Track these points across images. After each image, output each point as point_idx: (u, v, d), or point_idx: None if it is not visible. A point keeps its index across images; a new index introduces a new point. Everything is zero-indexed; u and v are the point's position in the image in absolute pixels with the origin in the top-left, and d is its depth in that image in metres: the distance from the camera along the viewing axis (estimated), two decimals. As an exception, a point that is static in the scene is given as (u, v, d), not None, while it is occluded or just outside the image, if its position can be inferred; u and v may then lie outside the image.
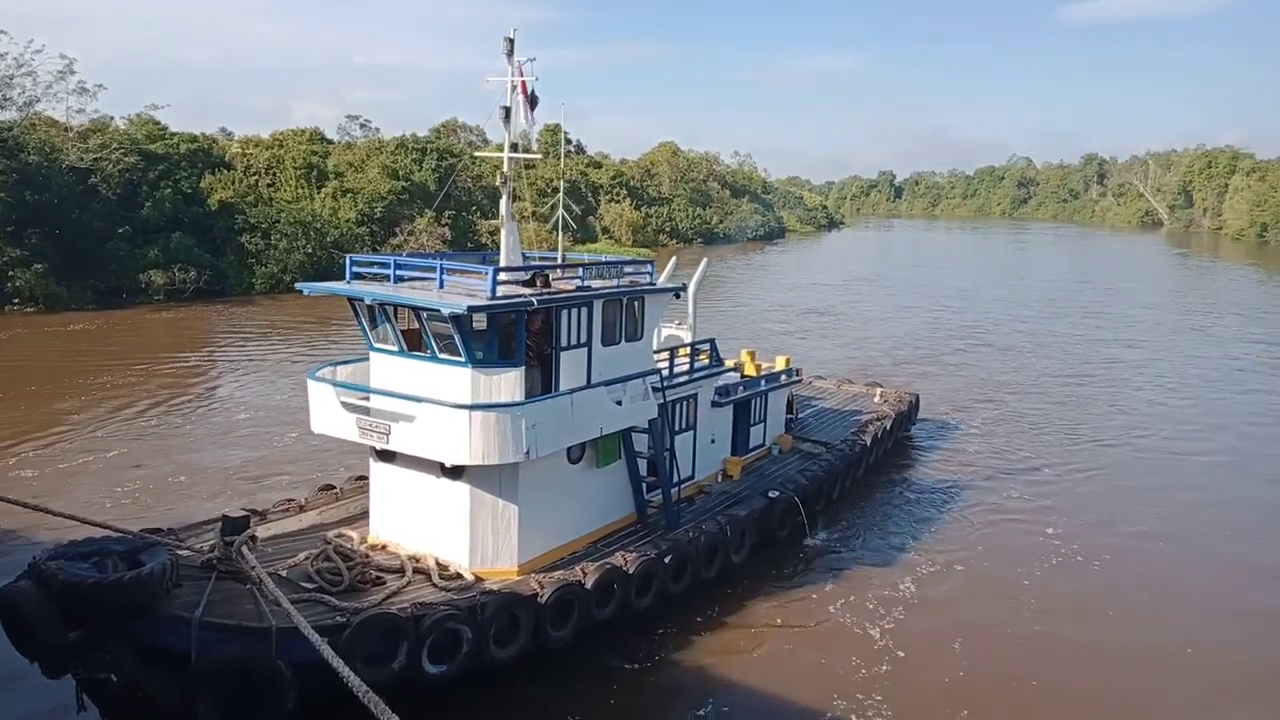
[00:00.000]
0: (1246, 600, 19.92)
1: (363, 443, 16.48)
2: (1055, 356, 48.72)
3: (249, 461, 27.31)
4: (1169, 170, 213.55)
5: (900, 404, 30.01)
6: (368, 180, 78.95)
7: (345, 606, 14.13)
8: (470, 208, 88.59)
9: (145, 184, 62.91)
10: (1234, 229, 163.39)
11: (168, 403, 34.10)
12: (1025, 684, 16.22)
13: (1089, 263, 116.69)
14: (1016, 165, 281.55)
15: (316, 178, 77.38)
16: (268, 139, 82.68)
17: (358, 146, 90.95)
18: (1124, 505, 25.73)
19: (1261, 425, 35.66)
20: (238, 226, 66.04)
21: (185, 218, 63.68)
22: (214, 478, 25.69)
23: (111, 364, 40.15)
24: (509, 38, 17.11)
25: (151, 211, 61.71)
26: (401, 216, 77.40)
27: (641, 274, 19.12)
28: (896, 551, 21.74)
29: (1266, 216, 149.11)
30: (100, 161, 59.25)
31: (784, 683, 15.93)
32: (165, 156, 66.48)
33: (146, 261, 58.26)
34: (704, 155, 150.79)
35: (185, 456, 27.64)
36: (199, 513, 19.53)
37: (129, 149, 62.52)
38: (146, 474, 25.81)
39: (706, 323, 49.98)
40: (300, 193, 74.61)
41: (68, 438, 29.11)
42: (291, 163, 76.81)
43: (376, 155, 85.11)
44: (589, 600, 15.96)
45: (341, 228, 72.09)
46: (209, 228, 65.39)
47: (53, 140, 58.42)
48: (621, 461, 18.49)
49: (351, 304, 16.87)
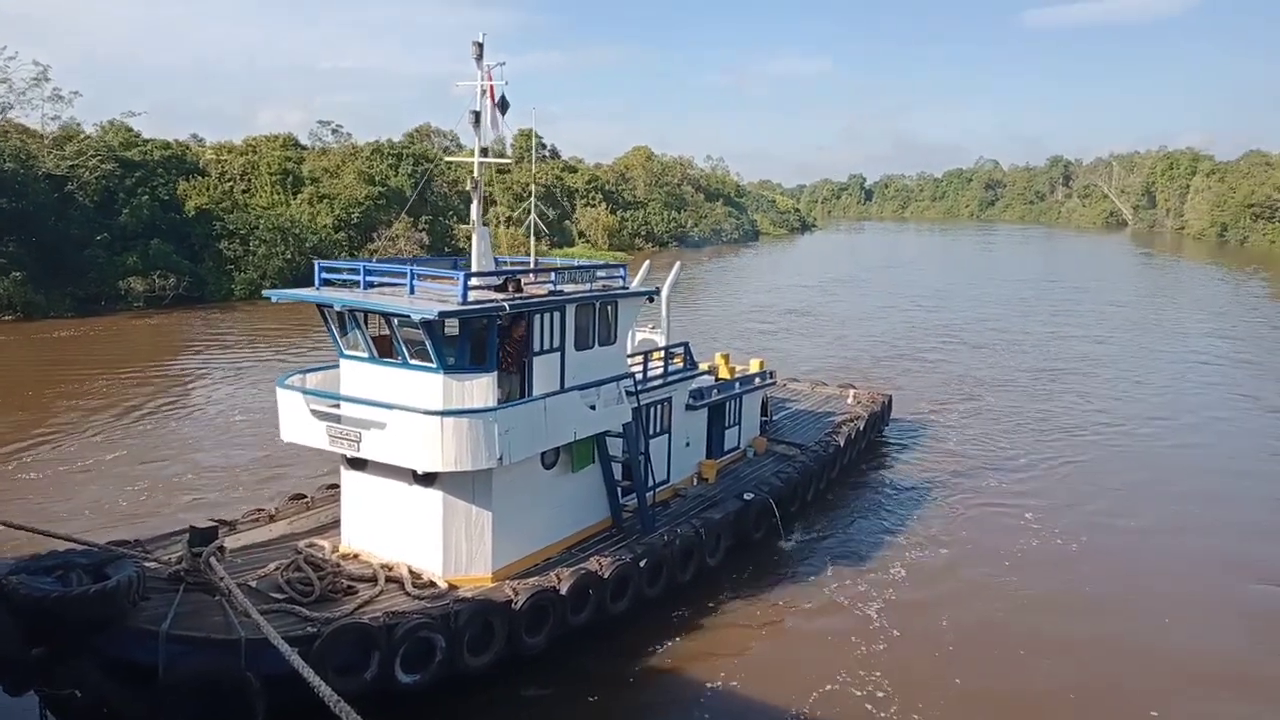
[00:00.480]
0: (1213, 588, 20.65)
1: (333, 451, 16.26)
2: (1027, 352, 49.69)
3: (235, 466, 27.03)
4: (1132, 172, 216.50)
5: (873, 405, 30.09)
6: (344, 185, 78.75)
7: (316, 617, 13.96)
8: (447, 212, 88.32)
9: (122, 191, 62.61)
10: (1195, 229, 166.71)
11: (148, 410, 33.73)
12: (1000, 680, 16.25)
13: (1056, 263, 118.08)
14: (984, 168, 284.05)
15: (292, 183, 77.18)
16: (241, 145, 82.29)
17: (332, 152, 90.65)
18: (1094, 498, 26.03)
19: (1224, 417, 36.71)
20: (216, 233, 65.93)
21: (163, 224, 63.44)
22: (195, 485, 25.37)
23: (93, 371, 39.75)
24: (477, 42, 16.99)
25: (129, 218, 61.41)
26: (379, 222, 77.10)
27: (614, 278, 19.03)
28: (869, 551, 21.76)
29: (1226, 217, 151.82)
30: (77, 169, 58.86)
31: (759, 684, 15.85)
32: (142, 163, 66.19)
33: (126, 268, 57.83)
34: (678, 159, 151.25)
35: (165, 464, 27.26)
36: (176, 523, 19.18)
37: (106, 156, 62.11)
38: (123, 482, 25.40)
39: (688, 325, 51.61)
40: (276, 198, 74.40)
41: (43, 447, 28.58)
42: (266, 168, 76.57)
43: (352, 161, 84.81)
44: (564, 606, 15.82)
45: (320, 233, 71.95)
46: (187, 234, 65.15)
47: (29, 147, 58.00)
48: (596, 466, 18.37)
49: (320, 311, 16.65)
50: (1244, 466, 29.84)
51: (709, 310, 63.31)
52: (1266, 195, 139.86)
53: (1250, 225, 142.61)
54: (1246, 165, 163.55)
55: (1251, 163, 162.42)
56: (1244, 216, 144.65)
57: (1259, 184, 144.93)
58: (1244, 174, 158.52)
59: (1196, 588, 20.47)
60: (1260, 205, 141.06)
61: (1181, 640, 18.01)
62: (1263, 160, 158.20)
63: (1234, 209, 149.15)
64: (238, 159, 77.41)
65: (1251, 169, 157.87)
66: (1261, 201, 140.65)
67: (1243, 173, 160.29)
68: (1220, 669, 17.00)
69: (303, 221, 71.61)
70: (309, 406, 16.21)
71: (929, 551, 21.80)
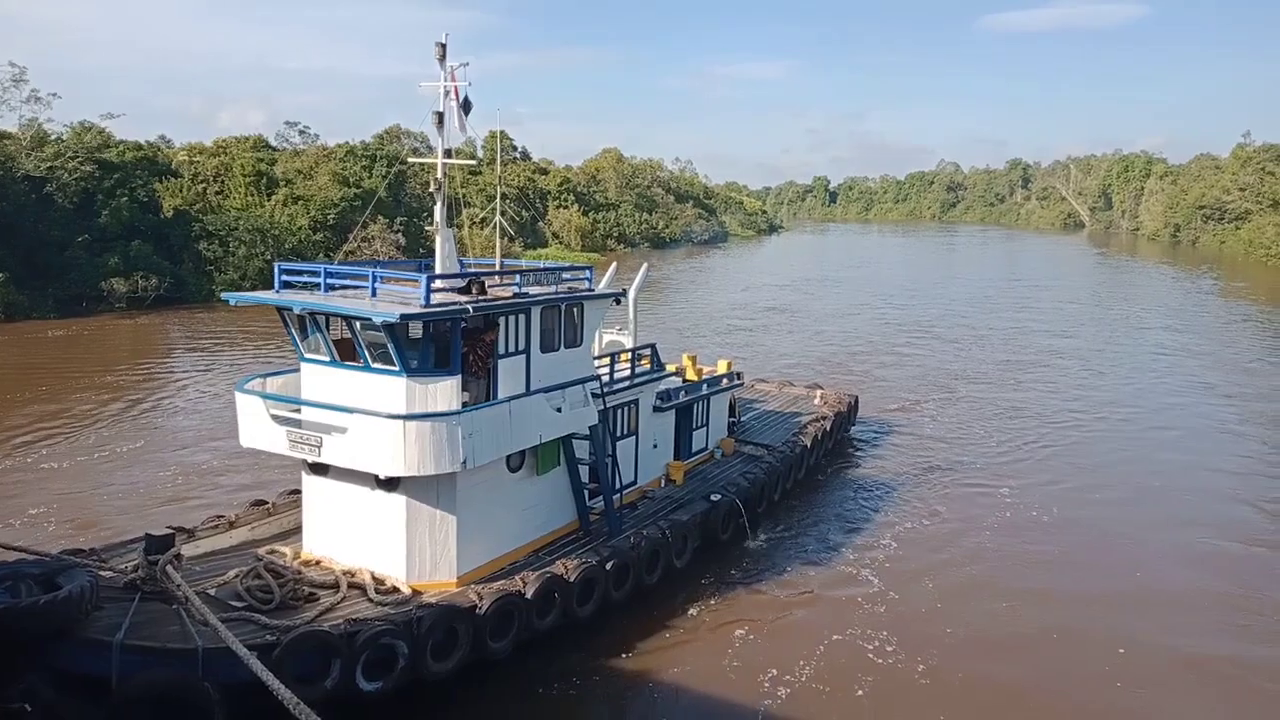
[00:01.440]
0: (1173, 544, 22.95)
1: (293, 456, 15.88)
2: (994, 346, 51.46)
3: (209, 468, 26.52)
4: (1089, 175, 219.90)
5: (840, 405, 30.06)
6: (318, 187, 78.40)
7: (275, 625, 13.67)
8: (422, 214, 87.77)
9: (100, 193, 62.00)
10: (1150, 230, 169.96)
11: (124, 411, 33.28)
12: (968, 674, 16.20)
13: (1017, 263, 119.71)
14: (945, 170, 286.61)
15: (266, 185, 76.84)
16: (211, 146, 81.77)
17: (305, 153, 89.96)
18: (1054, 490, 26.45)
19: (1181, 402, 38.76)
20: (194, 234, 65.60)
21: (142, 226, 63.11)
22: (170, 488, 24.91)
23: (73, 372, 39.44)
24: (440, 43, 16.66)
25: (109, 220, 60.97)
26: (354, 223, 76.70)
27: (580, 280, 18.79)
28: (834, 549, 21.70)
29: (1179, 218, 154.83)
30: (56, 170, 58.37)
31: (726, 684, 15.71)
32: (120, 165, 65.59)
33: (107, 269, 57.55)
34: (648, 162, 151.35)
35: (140, 467, 26.72)
36: (146, 528, 18.58)
37: (85, 158, 61.42)
38: (93, 487, 24.87)
39: (666, 324, 53.57)
40: (250, 200, 74.12)
41: (12, 451, 27.90)
42: (240, 170, 76.21)
43: (325, 162, 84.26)
44: (529, 610, 15.57)
45: (299, 234, 71.68)
46: (165, 235, 64.81)
47: (7, 149, 57.73)
48: (562, 469, 18.11)
49: (280, 314, 16.26)
50: (1199, 445, 32.06)
51: (688, 309, 64.06)
52: (1216, 197, 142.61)
53: (1201, 226, 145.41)
54: (1197, 168, 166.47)
55: (1202, 166, 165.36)
56: (1195, 218, 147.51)
57: (1209, 187, 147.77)
58: (1195, 177, 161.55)
59: (1160, 546, 22.72)
60: (1210, 207, 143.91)
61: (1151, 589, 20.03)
62: (1212, 164, 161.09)
63: (1186, 211, 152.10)
64: (210, 160, 76.79)
65: (1202, 172, 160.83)
66: (1211, 204, 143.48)
67: (1194, 175, 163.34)
68: (1175, 603, 19.69)
69: (281, 223, 71.27)
70: (268, 411, 15.81)
71: (891, 548, 21.79)
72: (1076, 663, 16.85)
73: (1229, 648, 17.68)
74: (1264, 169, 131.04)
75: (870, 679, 16.00)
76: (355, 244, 73.09)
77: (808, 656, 16.66)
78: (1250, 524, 24.30)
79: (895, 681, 16.01)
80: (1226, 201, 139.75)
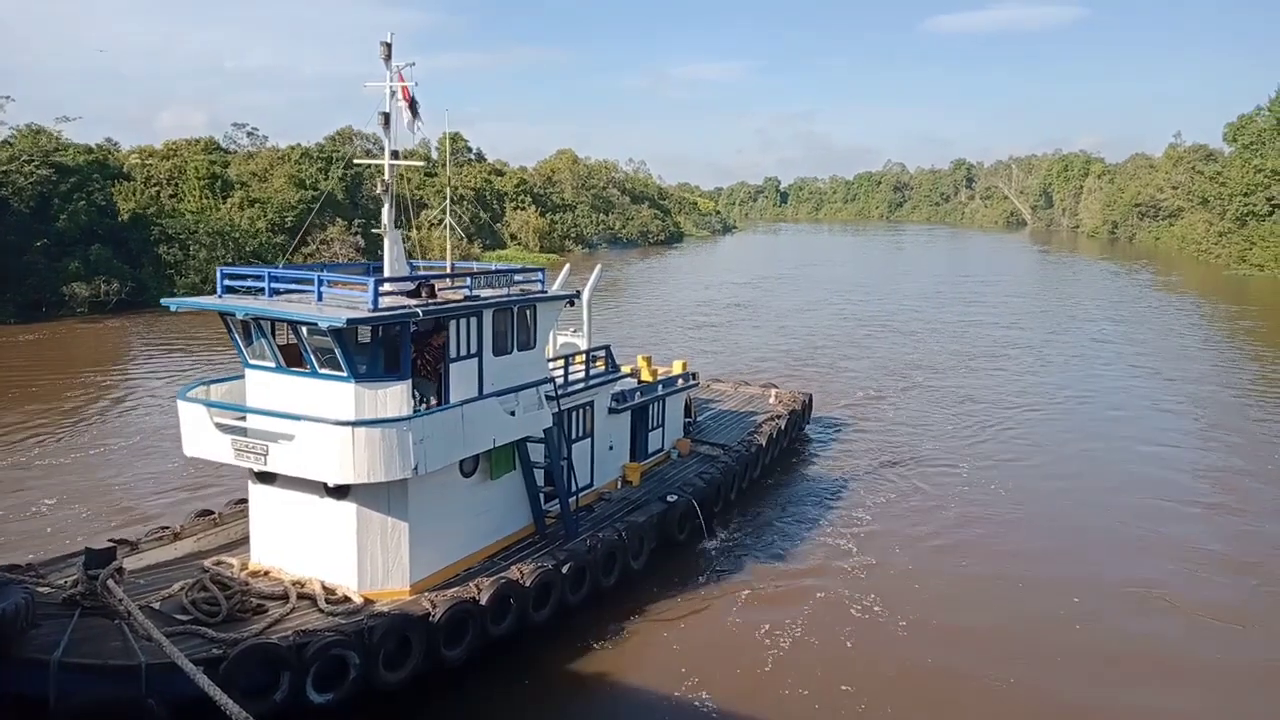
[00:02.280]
0: (1124, 513, 24.55)
1: (239, 465, 15.34)
2: (946, 337, 53.38)
3: (169, 474, 25.73)
4: (1030, 174, 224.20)
5: (794, 403, 30.04)
6: (274, 190, 77.34)
7: (222, 638, 13.23)
8: (379, 216, 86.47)
9: (56, 196, 60.33)
10: (1089, 227, 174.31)
11: (80, 418, 32.34)
12: (927, 668, 16.16)
13: (964, 259, 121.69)
14: (892, 171, 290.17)
15: (221, 188, 75.83)
16: (162, 149, 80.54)
17: (259, 155, 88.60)
18: (1006, 477, 26.86)
19: (1123, 385, 41.20)
20: (153, 238, 64.55)
21: (99, 230, 61.76)
22: (127, 497, 24.12)
23: (34, 377, 38.61)
24: (386, 42, 16.19)
25: (67, 224, 59.50)
26: (313, 226, 75.62)
27: (532, 282, 18.44)
28: (790, 546, 21.59)
29: (1116, 216, 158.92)
30: (10, 175, 56.97)
31: (683, 684, 15.44)
32: (76, 169, 63.83)
33: (68, 274, 56.43)
34: (603, 163, 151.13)
35: (92, 477, 25.82)
36: (100, 540, 17.91)
37: (40, 161, 59.73)
38: (42, 496, 23.96)
39: (627, 323, 54.59)
40: (205, 203, 73.12)
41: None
42: (194, 173, 75.24)
43: (280, 165, 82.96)
44: (484, 617, 15.21)
45: (260, 237, 70.97)
46: (124, 239, 63.46)
47: None
48: (517, 472, 17.76)
49: (224, 319, 15.69)
50: (1140, 421, 34.62)
51: (649, 308, 64.71)
52: (1150, 196, 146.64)
53: (1137, 223, 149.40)
54: (1133, 167, 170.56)
55: (1137, 165, 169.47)
56: (1132, 215, 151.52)
57: (1144, 185, 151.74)
58: (1131, 176, 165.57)
59: (1112, 515, 24.40)
60: (1145, 205, 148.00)
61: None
62: (1147, 163, 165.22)
63: (1122, 208, 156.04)
64: (162, 164, 75.56)
65: (1137, 171, 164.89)
66: (1146, 202, 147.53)
67: (1129, 174, 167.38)
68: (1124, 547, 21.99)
69: (242, 226, 70.55)
70: (212, 419, 15.25)
71: (847, 543, 21.72)
72: (1033, 647, 16.93)
73: (1169, 582, 20.05)
74: (1194, 168, 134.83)
75: (827, 677, 15.87)
76: (314, 246, 72.86)
77: (764, 656, 16.50)
78: (1179, 484, 27.11)
79: (852, 679, 15.89)
80: (1160, 199, 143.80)
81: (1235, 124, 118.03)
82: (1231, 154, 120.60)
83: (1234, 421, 34.26)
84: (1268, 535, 23.00)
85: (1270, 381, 41.64)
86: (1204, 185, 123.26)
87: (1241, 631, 17.99)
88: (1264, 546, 22.23)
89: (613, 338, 36.35)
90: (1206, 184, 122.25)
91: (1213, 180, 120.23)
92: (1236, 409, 36.50)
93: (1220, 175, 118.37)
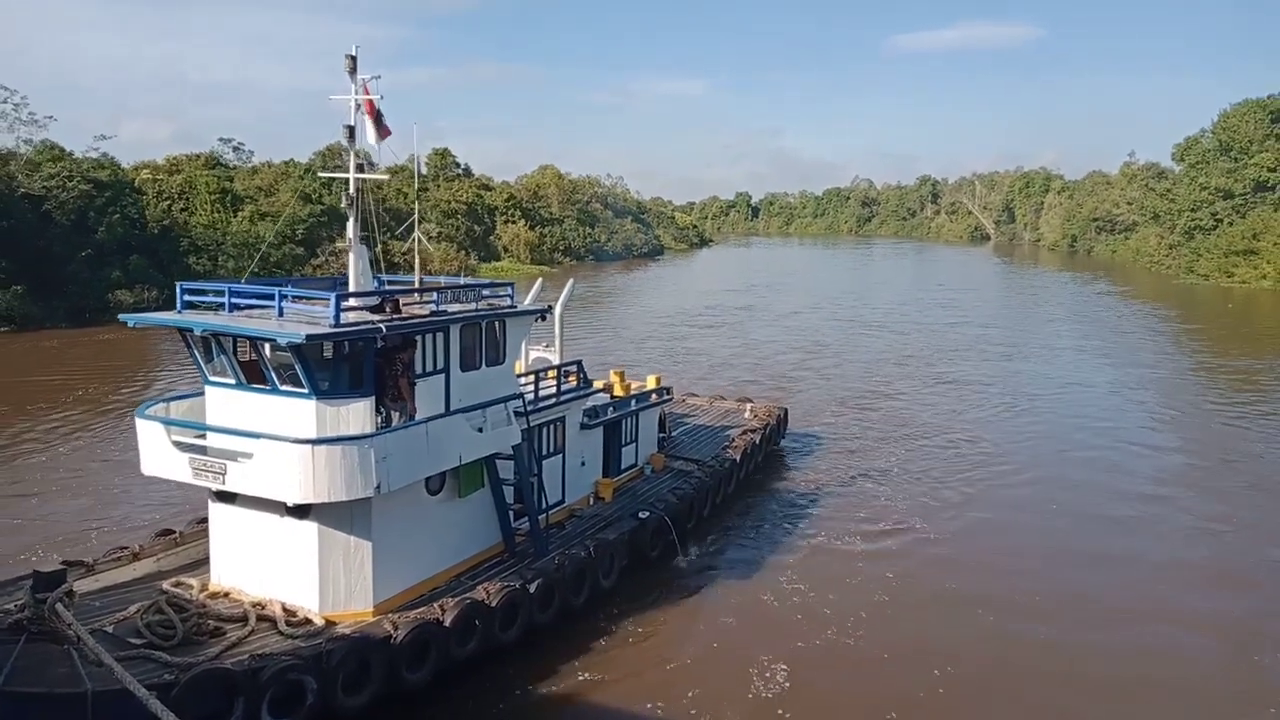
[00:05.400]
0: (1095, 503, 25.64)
1: (198, 485, 14.37)
2: (923, 344, 54.16)
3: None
4: (993, 190, 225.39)
5: (769, 418, 29.01)
6: (283, 203, 78.42)
7: (175, 662, 12.41)
8: (380, 229, 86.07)
9: (93, 210, 61.96)
10: (1050, 240, 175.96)
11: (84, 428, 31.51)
12: (889, 693, 15.38)
13: (933, 271, 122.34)
14: (859, 186, 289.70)
15: (231, 202, 77.45)
16: (165, 163, 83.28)
17: (264, 170, 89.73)
18: (977, 492, 26.12)
19: (1087, 382, 43.71)
20: (183, 248, 67.12)
21: (132, 241, 63.87)
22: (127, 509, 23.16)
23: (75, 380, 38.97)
24: (350, 55, 15.33)
25: (105, 235, 61.55)
26: (322, 238, 75.60)
27: (501, 296, 17.57)
28: (764, 563, 20.72)
29: (1075, 230, 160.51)
30: (54, 189, 59.17)
31: (651, 705, 14.62)
32: (111, 184, 65.76)
33: (110, 282, 58.53)
34: (587, 178, 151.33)
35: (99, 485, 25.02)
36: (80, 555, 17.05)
37: (81, 177, 61.96)
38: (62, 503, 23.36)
39: (622, 333, 56.42)
40: (216, 216, 74.39)
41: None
42: (205, 187, 76.56)
43: (284, 180, 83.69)
44: (448, 638, 14.29)
45: (284, 248, 72.90)
46: (154, 250, 65.35)
47: (9, 169, 58.82)
48: (486, 490, 16.85)
49: (183, 335, 14.74)
50: (1104, 416, 36.48)
51: (661, 312, 67.37)
52: (1107, 211, 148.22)
53: (1095, 237, 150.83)
54: (1090, 184, 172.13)
55: (1094, 181, 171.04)
56: (1089, 229, 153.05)
57: (1101, 201, 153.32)
58: (1088, 192, 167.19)
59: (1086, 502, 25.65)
60: (1102, 219, 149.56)
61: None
62: (1103, 180, 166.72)
63: (1081, 223, 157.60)
64: (172, 179, 77.03)
65: (1094, 187, 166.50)
66: (1103, 216, 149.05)
67: (1087, 190, 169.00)
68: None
69: (265, 237, 72.07)
70: (170, 437, 14.28)
71: (819, 559, 20.94)
72: (1018, 668, 16.19)
73: (1128, 544, 22.06)
74: (1147, 185, 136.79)
75: (801, 698, 15.07)
76: (323, 258, 74.47)
77: (736, 675, 15.67)
78: (1129, 462, 29.74)
79: (825, 702, 15.11)
80: (1116, 214, 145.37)
81: (1183, 144, 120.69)
82: (1180, 172, 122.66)
83: (1184, 404, 39.03)
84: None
85: (1209, 370, 47.46)
86: (1155, 201, 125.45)
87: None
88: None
89: (591, 351, 36.15)
90: (1158, 200, 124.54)
91: (1163, 197, 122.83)
92: (1186, 391, 41.90)
93: (1170, 192, 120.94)
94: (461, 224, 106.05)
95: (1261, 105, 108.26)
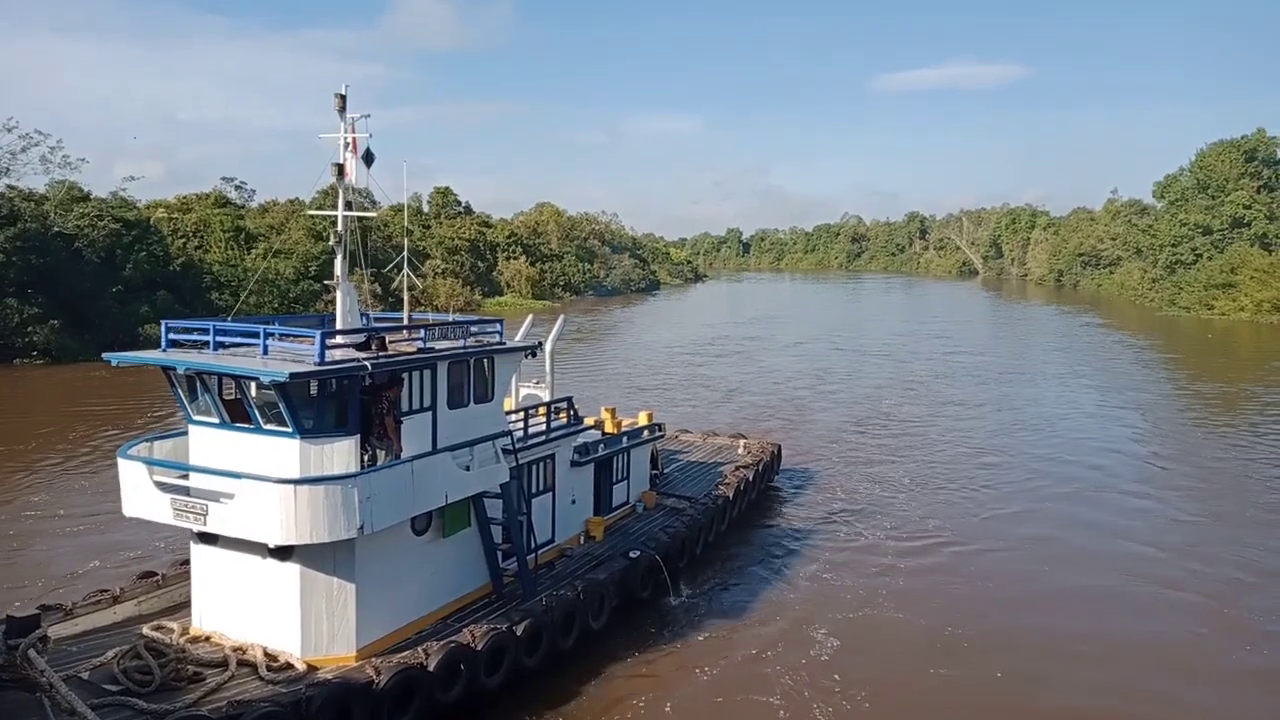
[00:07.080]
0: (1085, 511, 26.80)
1: (179, 526, 13.85)
2: (915, 379, 54.27)
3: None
4: (980, 226, 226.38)
5: (763, 454, 28.33)
6: (294, 241, 79.12)
7: (151, 710, 11.94)
8: (385, 265, 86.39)
9: (120, 248, 63.20)
10: (1036, 275, 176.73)
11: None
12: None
13: (925, 305, 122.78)
14: (849, 223, 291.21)
15: (245, 240, 78.64)
16: (175, 202, 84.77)
17: (274, 209, 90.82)
18: (969, 529, 25.40)
19: (1074, 409, 44.97)
20: (205, 285, 68.21)
21: (158, 278, 65.23)
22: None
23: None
24: (340, 94, 15.12)
25: (133, 272, 62.88)
26: (334, 274, 76.05)
27: (490, 333, 17.18)
28: (757, 604, 20.03)
29: (1061, 264, 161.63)
30: (85, 228, 60.59)
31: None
32: (138, 223, 67.33)
33: (139, 317, 59.15)
34: (584, 215, 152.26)
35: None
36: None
37: (110, 217, 63.50)
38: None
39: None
40: (230, 254, 75.36)
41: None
42: (220, 226, 77.73)
43: (294, 219, 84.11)
44: (431, 683, 13.70)
45: (300, 285, 73.79)
46: (178, 286, 66.48)
47: (44, 209, 60.29)
48: (473, 529, 16.31)
49: (166, 374, 14.31)
50: (1091, 436, 38.40)
51: (664, 342, 69.50)
52: (1092, 246, 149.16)
53: (1081, 272, 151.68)
54: (1075, 220, 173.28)
55: (1079, 217, 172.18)
56: (1075, 264, 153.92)
57: (1086, 236, 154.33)
58: (1073, 228, 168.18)
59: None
60: (1087, 255, 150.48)
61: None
62: (1088, 216, 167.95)
63: (1067, 258, 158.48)
64: (187, 218, 78.12)
65: (1079, 223, 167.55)
66: (1088, 252, 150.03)
67: (1072, 227, 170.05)
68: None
69: (285, 274, 73.68)
70: (152, 478, 13.80)
71: (815, 599, 20.30)
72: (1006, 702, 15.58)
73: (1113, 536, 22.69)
74: (1129, 221, 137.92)
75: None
76: (334, 294, 72.79)
77: (727, 717, 15.03)
78: (1127, 478, 31.50)
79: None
80: (1101, 249, 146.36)
81: (1163, 182, 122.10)
82: (1161, 209, 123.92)
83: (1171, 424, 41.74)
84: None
85: (1191, 394, 49.93)
86: (1138, 237, 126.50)
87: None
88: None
89: (584, 388, 35.71)
90: (1140, 236, 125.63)
91: (1145, 232, 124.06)
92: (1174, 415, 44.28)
93: (1152, 228, 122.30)
94: (465, 260, 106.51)
95: (1235, 145, 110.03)
